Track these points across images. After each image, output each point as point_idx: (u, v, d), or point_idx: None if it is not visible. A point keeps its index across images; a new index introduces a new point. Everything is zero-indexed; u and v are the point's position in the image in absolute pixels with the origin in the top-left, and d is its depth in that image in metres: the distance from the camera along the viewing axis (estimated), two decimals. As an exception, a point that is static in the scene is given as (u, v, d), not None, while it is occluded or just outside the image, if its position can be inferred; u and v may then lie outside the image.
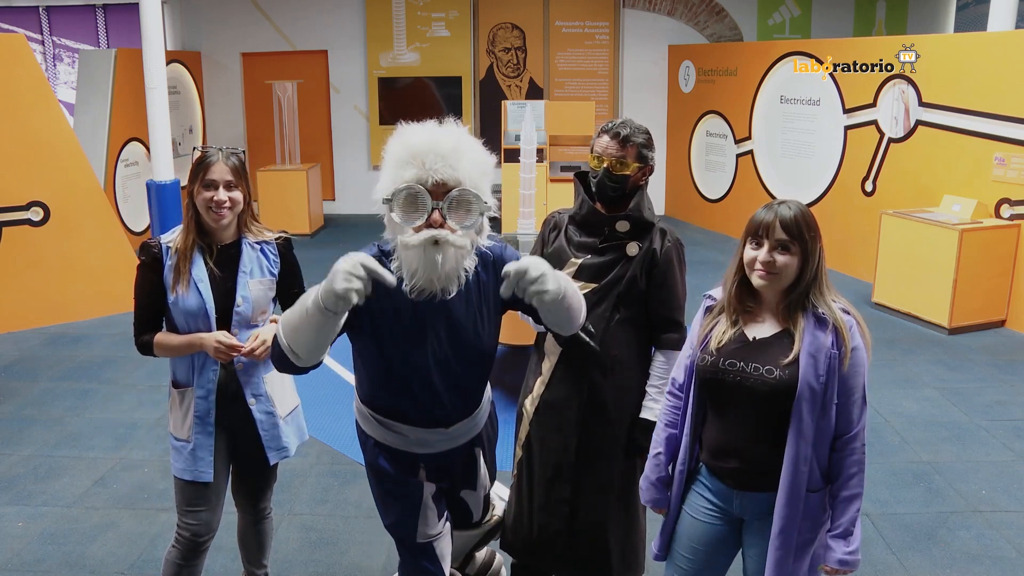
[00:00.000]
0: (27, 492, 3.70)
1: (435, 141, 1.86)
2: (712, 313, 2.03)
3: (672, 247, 2.42)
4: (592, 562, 2.55)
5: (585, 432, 2.48)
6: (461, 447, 2.24)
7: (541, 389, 2.53)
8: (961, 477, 3.83)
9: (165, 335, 2.36)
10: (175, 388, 2.43)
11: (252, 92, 10.24)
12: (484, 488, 2.49)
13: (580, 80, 10.27)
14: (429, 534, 2.21)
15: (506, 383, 4.94)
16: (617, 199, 2.43)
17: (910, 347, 5.58)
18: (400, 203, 1.87)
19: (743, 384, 1.91)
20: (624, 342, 2.44)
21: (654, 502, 2.17)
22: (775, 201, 1.93)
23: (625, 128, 2.39)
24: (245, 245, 2.40)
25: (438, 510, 2.24)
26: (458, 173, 1.86)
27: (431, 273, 1.87)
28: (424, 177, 1.85)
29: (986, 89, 5.98)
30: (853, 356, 1.87)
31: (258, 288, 2.39)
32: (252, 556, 2.75)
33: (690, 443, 2.06)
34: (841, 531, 1.91)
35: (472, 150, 1.91)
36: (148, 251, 2.34)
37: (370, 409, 2.18)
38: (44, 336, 5.83)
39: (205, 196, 2.28)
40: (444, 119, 1.95)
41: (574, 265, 2.45)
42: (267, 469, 2.59)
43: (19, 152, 5.88)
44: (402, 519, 2.21)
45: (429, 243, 1.83)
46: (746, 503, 1.99)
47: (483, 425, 2.32)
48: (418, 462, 2.19)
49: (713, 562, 2.10)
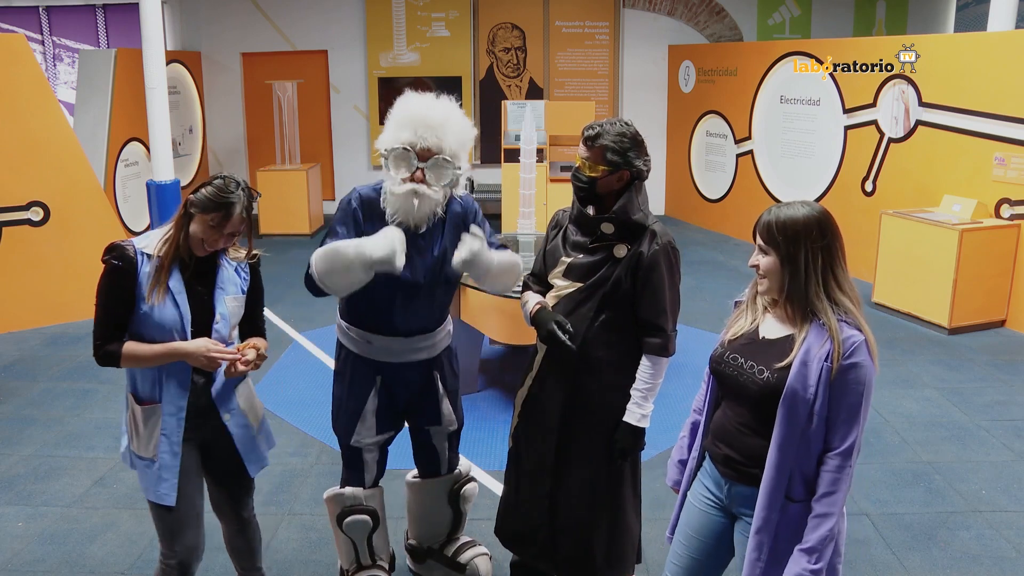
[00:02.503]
0: (27, 492, 3.70)
1: (428, 114, 2.38)
2: (740, 307, 2.07)
3: (661, 251, 2.36)
4: (575, 560, 2.57)
5: (566, 430, 2.49)
6: (419, 364, 2.64)
7: (529, 383, 2.57)
8: (961, 477, 3.83)
9: (136, 344, 2.20)
10: (139, 404, 2.28)
11: (252, 92, 10.24)
12: (449, 426, 2.80)
13: (580, 80, 10.27)
14: (363, 441, 2.66)
15: (505, 383, 4.94)
16: (595, 199, 2.42)
17: (910, 347, 5.58)
18: (393, 159, 2.41)
19: (738, 380, 1.95)
20: (608, 343, 2.43)
21: (673, 483, 2.23)
22: (779, 204, 1.94)
23: (593, 129, 2.36)
24: (224, 261, 2.33)
25: (377, 426, 2.66)
26: (442, 142, 2.38)
27: (408, 214, 2.42)
28: (415, 141, 2.38)
29: (986, 89, 5.98)
30: (849, 372, 1.79)
31: (233, 304, 2.33)
32: (245, 560, 2.72)
33: (705, 429, 2.11)
34: (807, 547, 1.84)
35: (457, 123, 2.42)
36: (122, 254, 2.18)
37: (346, 322, 2.65)
38: (44, 336, 5.83)
39: (211, 233, 2.19)
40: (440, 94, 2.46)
41: (564, 264, 2.46)
42: (245, 479, 2.53)
43: (19, 152, 5.87)
44: (343, 419, 2.67)
45: (410, 193, 2.39)
46: (734, 494, 2.01)
47: (441, 352, 2.70)
48: (376, 374, 2.63)
49: (708, 557, 2.11)
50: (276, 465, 3.91)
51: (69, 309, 6.08)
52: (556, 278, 2.49)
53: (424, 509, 2.96)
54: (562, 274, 2.46)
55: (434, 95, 2.46)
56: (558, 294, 2.47)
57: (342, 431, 2.70)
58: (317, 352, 5.51)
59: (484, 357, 5.21)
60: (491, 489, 3.67)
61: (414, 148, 2.38)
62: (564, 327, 2.37)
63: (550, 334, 2.37)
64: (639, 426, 2.44)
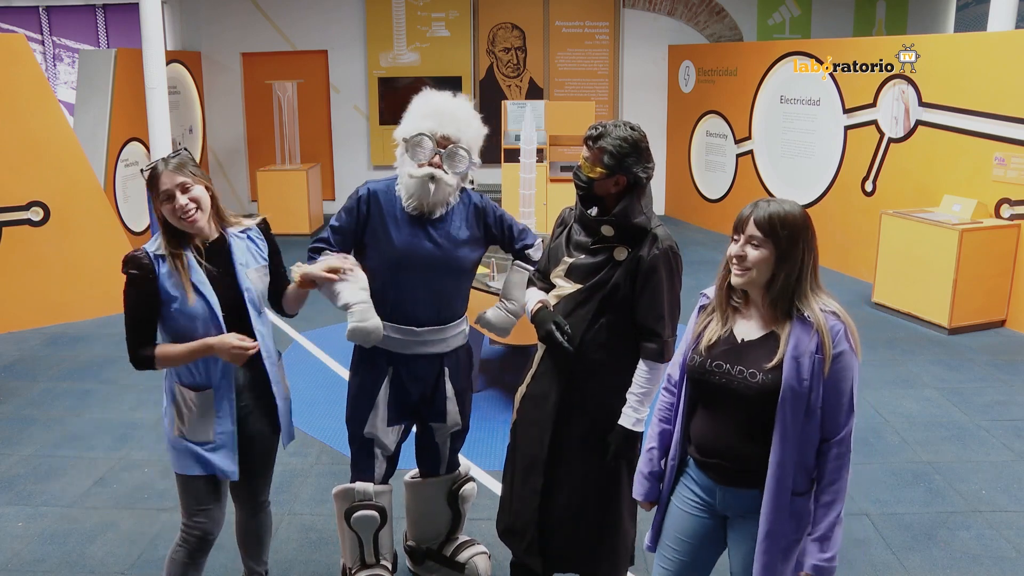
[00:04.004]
0: (27, 492, 3.70)
1: (454, 107, 2.57)
2: (706, 311, 2.05)
3: (661, 255, 2.35)
4: (564, 555, 2.58)
5: (559, 429, 2.49)
6: (429, 359, 2.69)
7: (528, 380, 2.58)
8: (961, 477, 3.83)
9: (166, 346, 2.32)
10: (192, 391, 2.37)
11: (252, 92, 10.24)
12: (453, 426, 2.82)
13: (580, 80, 10.27)
14: (376, 432, 2.70)
15: (505, 383, 4.94)
16: (596, 200, 2.41)
17: (910, 347, 5.58)
18: (411, 145, 2.55)
19: (728, 386, 1.93)
20: (606, 346, 2.42)
21: (644, 495, 2.19)
22: (765, 199, 1.94)
23: (596, 130, 2.36)
24: (232, 238, 2.41)
25: (389, 416, 2.70)
26: (460, 134, 2.55)
27: (424, 198, 2.54)
28: (435, 129, 2.53)
29: (986, 89, 5.98)
30: (838, 361, 1.85)
31: (256, 276, 2.43)
32: (252, 551, 2.75)
33: (681, 438, 2.08)
34: (818, 535, 1.89)
35: (475, 120, 2.61)
36: (138, 263, 2.27)
37: None
38: (44, 336, 5.83)
39: (168, 208, 2.25)
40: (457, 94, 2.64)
41: (566, 264, 2.46)
42: (272, 458, 2.63)
43: (19, 152, 5.87)
44: (357, 411, 2.73)
45: (427, 177, 2.51)
46: (728, 499, 2.00)
47: (453, 350, 2.74)
48: (388, 364, 2.68)
49: (698, 557, 2.11)
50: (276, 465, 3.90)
51: (69, 309, 6.08)
52: (558, 278, 2.49)
53: (423, 509, 2.96)
54: (563, 274, 2.46)
55: (451, 94, 2.64)
56: (559, 294, 2.47)
57: (356, 421, 2.73)
58: (317, 352, 5.51)
59: (484, 357, 5.21)
60: (491, 489, 3.67)
61: (434, 136, 2.53)
62: (562, 328, 2.37)
63: (548, 334, 2.38)
64: (634, 430, 2.43)
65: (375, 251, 2.62)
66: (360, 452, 2.76)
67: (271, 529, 2.80)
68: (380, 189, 2.63)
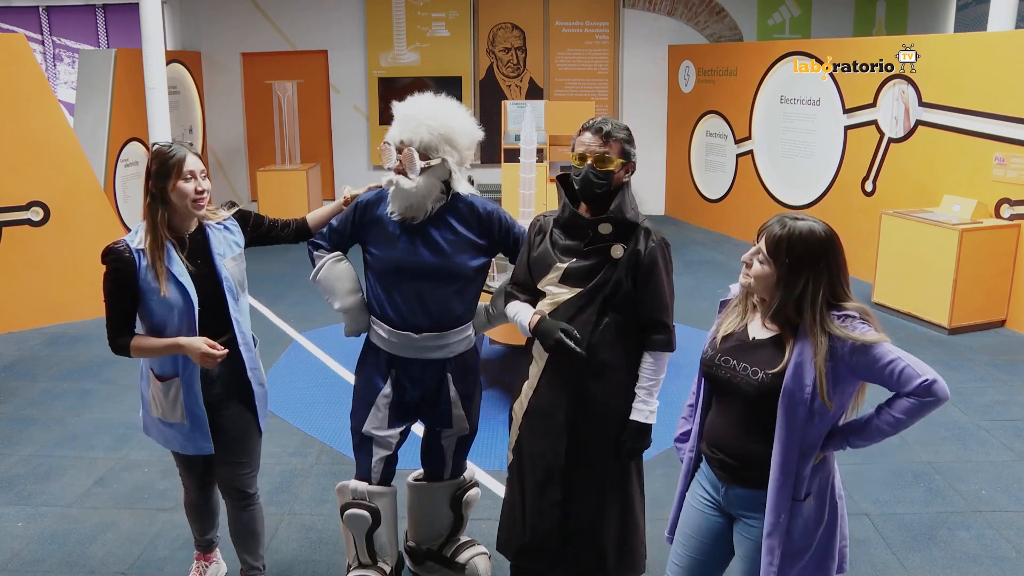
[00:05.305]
0: (27, 492, 3.70)
1: (415, 110, 2.54)
2: (728, 307, 2.07)
3: (657, 247, 2.39)
4: (587, 563, 2.56)
5: (574, 435, 2.47)
6: (432, 363, 2.68)
7: (529, 393, 2.54)
8: (961, 477, 3.83)
9: (142, 338, 2.45)
10: (160, 380, 2.51)
11: (252, 92, 10.24)
12: (460, 432, 2.82)
13: (580, 80, 10.27)
14: (373, 431, 2.72)
15: (505, 383, 4.94)
16: (601, 197, 2.40)
17: (910, 347, 5.53)
18: (383, 152, 2.61)
19: (732, 381, 1.95)
20: (612, 346, 2.42)
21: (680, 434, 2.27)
22: (796, 215, 1.90)
23: (607, 124, 2.39)
24: (210, 230, 2.52)
25: (389, 416, 2.72)
26: (413, 135, 2.51)
27: (395, 204, 2.58)
28: (397, 135, 2.55)
29: (986, 89, 5.98)
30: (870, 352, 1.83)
31: (232, 265, 2.54)
32: (246, 545, 2.78)
33: (698, 430, 2.11)
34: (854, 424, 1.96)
35: (434, 117, 2.52)
36: (118, 256, 2.38)
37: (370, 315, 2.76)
38: (44, 336, 5.83)
39: (187, 188, 2.38)
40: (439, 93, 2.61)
41: (559, 270, 2.43)
42: (251, 445, 2.68)
43: (19, 152, 5.87)
44: (359, 406, 2.76)
45: (391, 183, 2.56)
46: (732, 496, 2.01)
47: (456, 355, 2.72)
48: (390, 367, 2.70)
49: (708, 555, 2.11)
50: (276, 465, 3.92)
51: (69, 309, 6.08)
52: (551, 285, 2.45)
53: (424, 512, 2.96)
54: (558, 280, 2.43)
55: (431, 95, 2.60)
56: (555, 301, 2.43)
57: (356, 419, 2.76)
58: (317, 352, 5.51)
59: (484, 357, 5.21)
60: (491, 489, 3.67)
61: (393, 142, 2.57)
62: (571, 334, 2.35)
63: (558, 343, 2.35)
64: (647, 423, 2.44)
65: (372, 257, 2.66)
66: (359, 450, 2.78)
67: (263, 523, 2.81)
68: (368, 201, 2.69)
